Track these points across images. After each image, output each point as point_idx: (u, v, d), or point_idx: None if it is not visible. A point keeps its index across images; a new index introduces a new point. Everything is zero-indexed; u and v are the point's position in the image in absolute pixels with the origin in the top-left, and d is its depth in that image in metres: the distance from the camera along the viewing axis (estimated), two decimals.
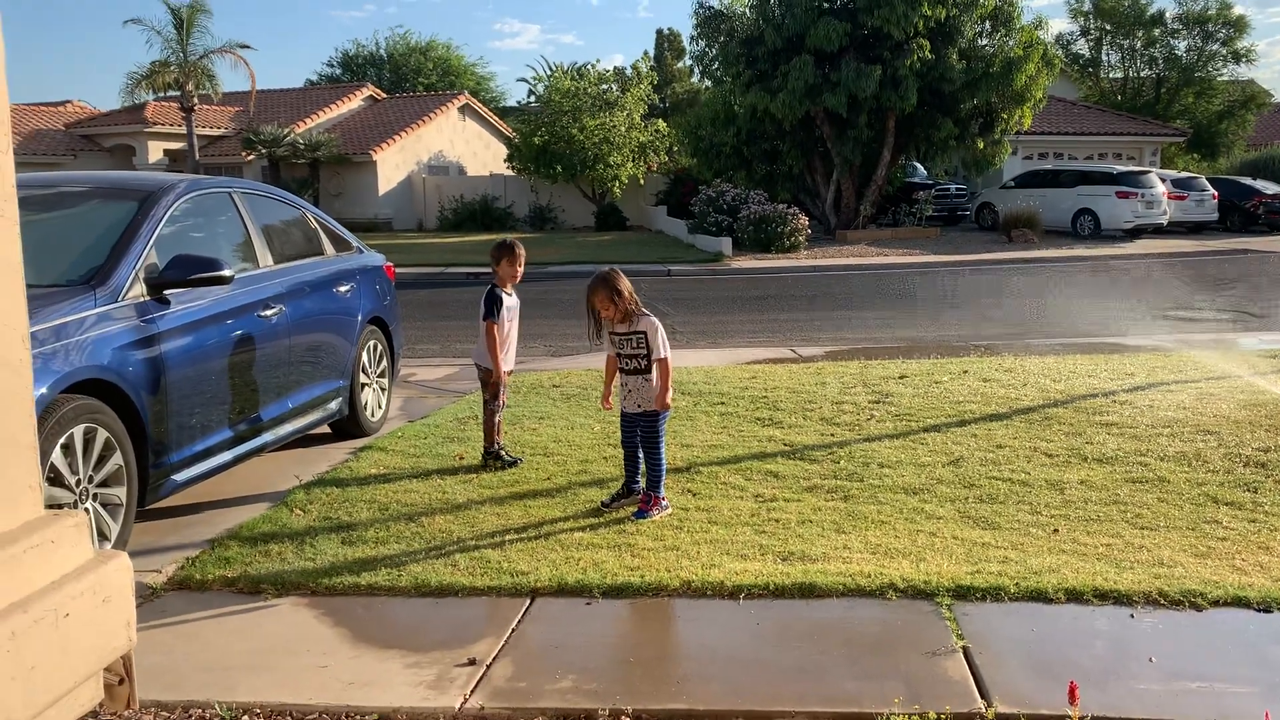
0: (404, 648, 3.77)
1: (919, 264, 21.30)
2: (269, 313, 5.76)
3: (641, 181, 33.03)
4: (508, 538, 4.83)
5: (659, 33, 57.10)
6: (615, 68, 34.90)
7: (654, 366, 5.20)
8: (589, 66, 33.74)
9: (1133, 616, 3.85)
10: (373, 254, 7.70)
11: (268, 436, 5.81)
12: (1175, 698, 3.22)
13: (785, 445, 6.49)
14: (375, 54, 52.35)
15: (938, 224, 28.49)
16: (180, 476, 5.03)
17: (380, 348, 7.33)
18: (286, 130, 31.89)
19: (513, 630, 3.88)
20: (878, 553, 4.55)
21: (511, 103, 48.59)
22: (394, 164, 33.98)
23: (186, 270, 4.99)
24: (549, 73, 33.93)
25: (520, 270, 6.19)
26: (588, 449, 6.43)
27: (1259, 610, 3.88)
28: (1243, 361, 9.07)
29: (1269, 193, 28.67)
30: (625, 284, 5.20)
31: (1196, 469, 5.74)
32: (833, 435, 6.74)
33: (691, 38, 27.14)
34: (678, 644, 3.88)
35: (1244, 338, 11.21)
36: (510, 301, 6.18)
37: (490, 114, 40.99)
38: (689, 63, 35.06)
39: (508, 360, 6.21)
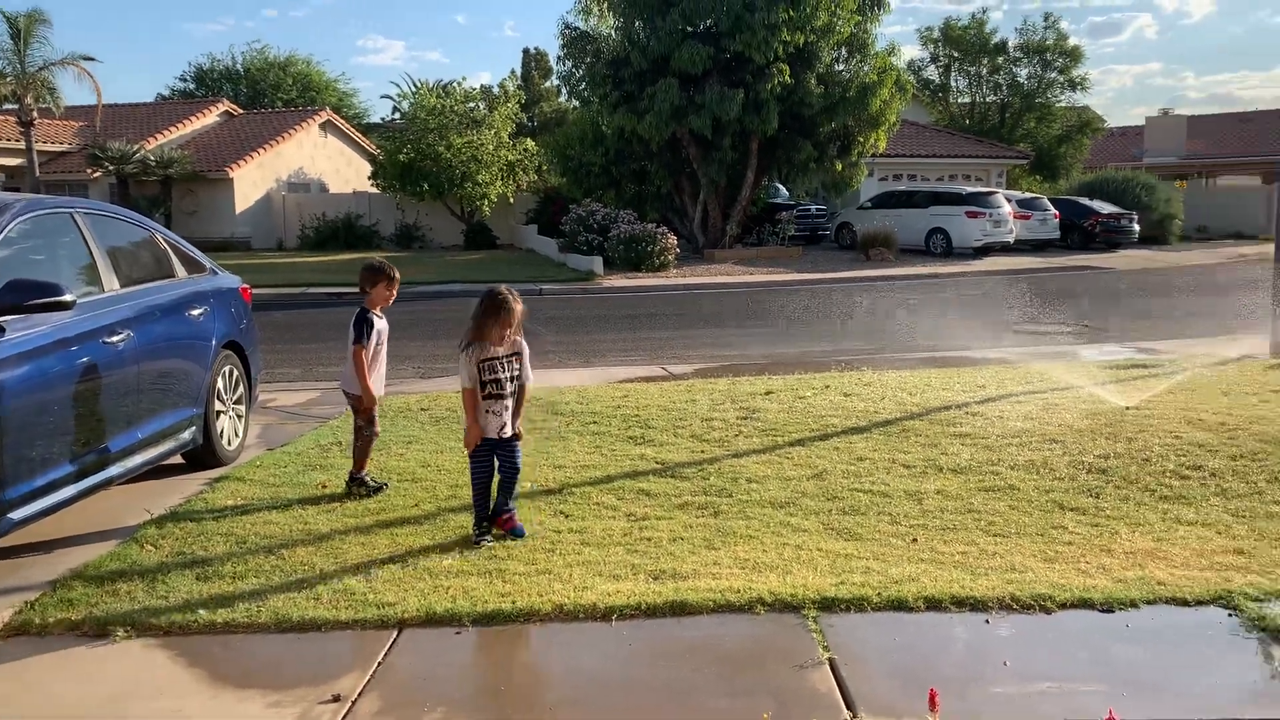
0: (265, 687, 3.62)
1: (783, 282, 21.84)
2: (115, 339, 5.47)
3: (511, 200, 32.89)
4: (374, 568, 4.70)
5: (526, 52, 57.08)
6: (482, 86, 34.75)
7: (521, 390, 5.18)
8: (455, 84, 33.44)
9: (988, 622, 4.01)
10: (227, 275, 7.42)
11: (115, 469, 5.51)
12: (1029, 699, 3.36)
13: (657, 463, 6.53)
14: (231, 69, 50.60)
15: (800, 243, 29.28)
16: (18, 515, 4.72)
17: (236, 373, 7.06)
18: (136, 146, 30.48)
19: (379, 664, 3.77)
20: (746, 567, 4.62)
21: (376, 119, 47.68)
22: (252, 181, 32.87)
23: (23, 295, 4.70)
24: (414, 90, 33.42)
25: (394, 294, 6.07)
26: (457, 473, 6.32)
27: (1102, 610, 4.09)
28: (1084, 373, 9.61)
29: (1105, 212, 30.52)
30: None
31: (1044, 477, 6.04)
32: (703, 452, 6.82)
33: (558, 58, 27.23)
34: (550, 670, 3.84)
35: (1085, 350, 11.88)
36: (381, 325, 6.04)
37: (353, 131, 40.14)
38: (556, 83, 35.15)
39: (378, 385, 6.07)
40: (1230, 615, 4.02)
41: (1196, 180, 47.01)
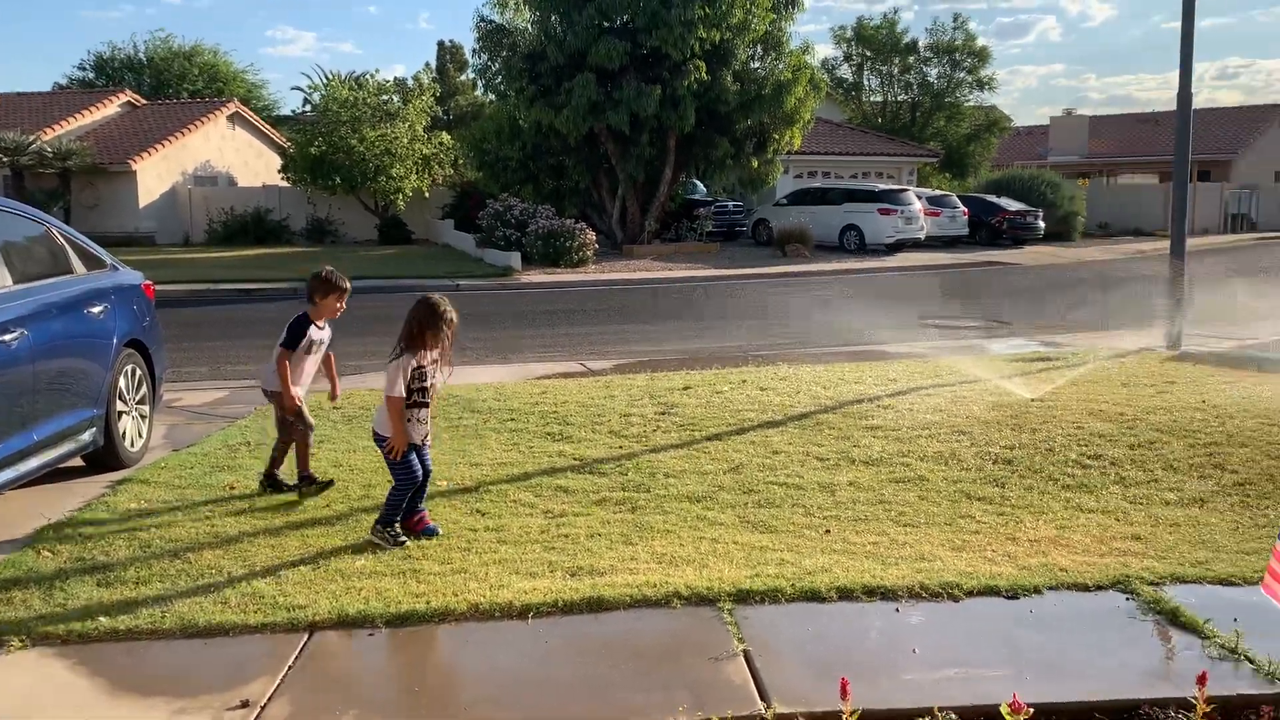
0: (170, 694, 3.52)
1: (701, 278, 21.99)
2: (8, 338, 5.25)
3: (427, 194, 32.44)
4: (284, 570, 4.60)
5: (441, 45, 56.36)
6: (396, 78, 34.29)
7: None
8: (368, 76, 32.83)
9: (898, 610, 4.09)
10: (129, 271, 7.18)
11: (9, 473, 5.29)
12: (937, 685, 3.44)
13: (575, 460, 6.52)
14: (134, 58, 48.86)
15: (718, 239, 29.51)
16: None
17: (140, 372, 6.84)
18: (32, 137, 29.26)
19: (290, 667, 3.69)
20: (664, 562, 4.64)
21: (286, 112, 46.57)
22: (156, 174, 31.82)
23: None
24: (326, 82, 32.71)
25: (344, 306, 5.87)
26: (370, 473, 6.23)
27: (1008, 597, 4.21)
28: (991, 366, 9.87)
29: (1011, 209, 31.40)
30: None
31: (952, 467, 6.19)
32: (621, 448, 6.83)
33: (474, 51, 26.95)
34: (465, 669, 3.80)
35: (993, 343, 12.21)
36: (320, 335, 5.86)
37: (263, 123, 39.14)
38: (472, 76, 34.82)
39: (302, 389, 5.90)
40: (1128, 599, 4.18)
41: (1098, 178, 48.75)
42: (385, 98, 32.18)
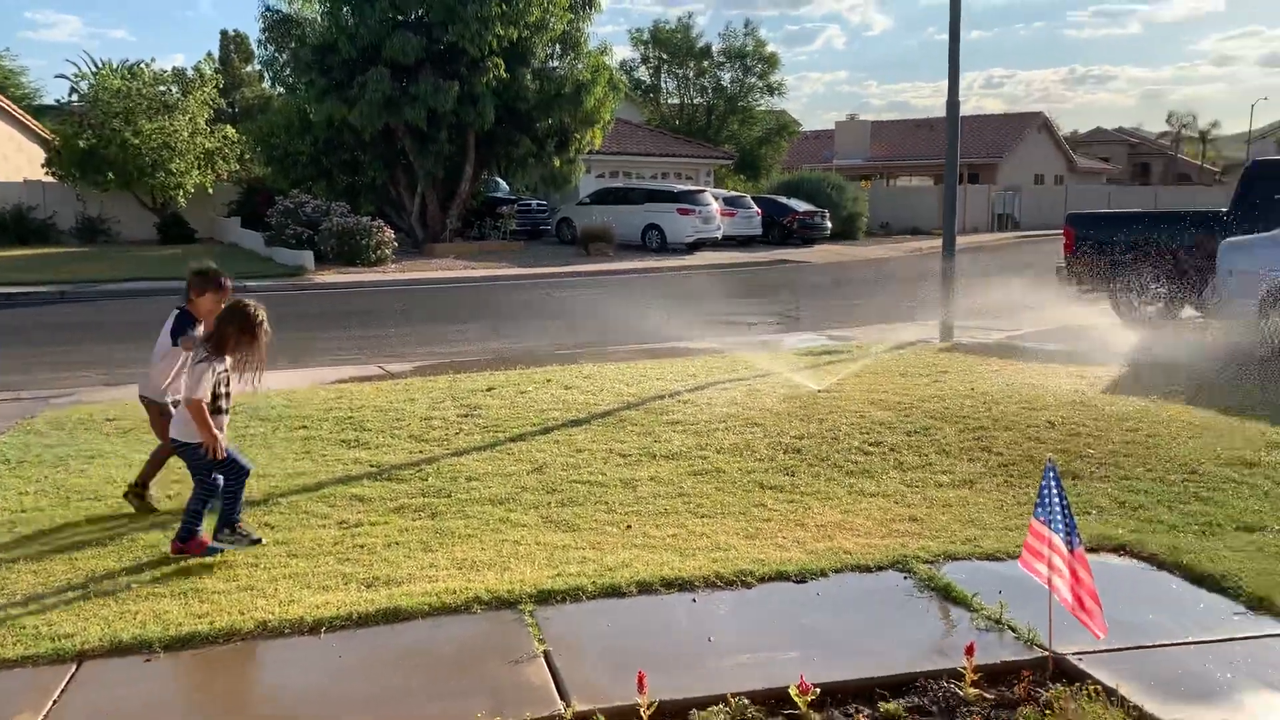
0: None
1: (505, 277, 21.84)
2: None
3: (210, 191, 30.72)
4: (49, 598, 4.25)
5: (224, 34, 53.65)
6: (175, 68, 32.08)
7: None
8: (143, 65, 30.73)
9: (695, 600, 4.20)
10: None
11: None
12: (731, 671, 3.55)
13: (372, 466, 6.34)
14: None
15: (522, 238, 29.43)
16: None
17: None
18: None
19: (54, 702, 3.41)
20: (464, 567, 4.58)
21: (50, 101, 42.99)
22: None
23: None
24: (95, 70, 30.41)
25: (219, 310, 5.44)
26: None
27: (797, 581, 4.40)
28: (783, 360, 10.28)
29: (801, 210, 32.83)
30: None
31: (746, 459, 6.41)
32: (421, 452, 6.69)
33: (260, 42, 25.76)
34: (253, 691, 3.63)
35: (785, 338, 12.72)
36: (197, 333, 5.41)
37: (22, 113, 35.98)
38: (258, 67, 33.19)
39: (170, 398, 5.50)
40: (906, 578, 4.44)
41: (879, 180, 51.68)
42: (163, 88, 30.25)
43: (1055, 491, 3.56)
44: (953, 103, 12.04)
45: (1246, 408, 7.56)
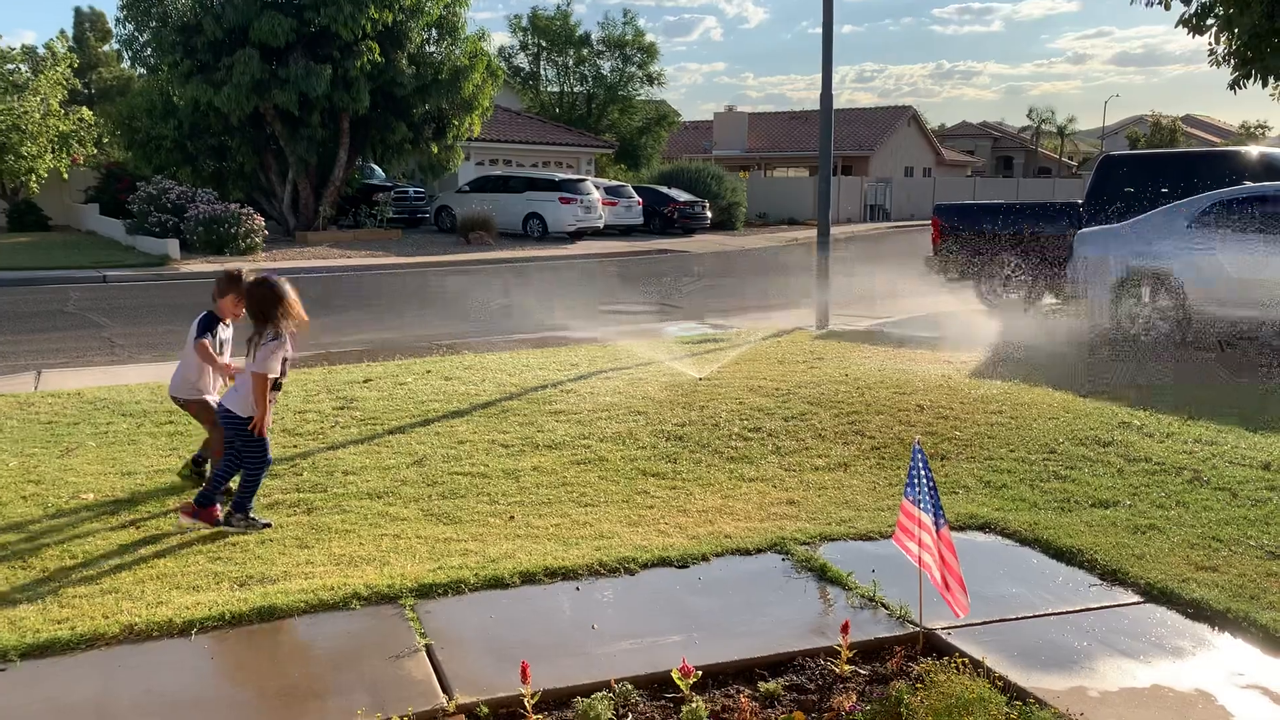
0: None
1: (382, 265, 21.38)
2: None
3: (65, 176, 29.16)
4: None
5: (79, 11, 50.89)
6: (24, 46, 30.39)
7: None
8: None
9: (578, 589, 4.20)
10: None
11: None
12: (614, 658, 3.57)
13: None
14: None
15: (399, 226, 28.85)
16: None
17: None
18: None
19: None
20: (342, 563, 4.48)
21: None
22: None
23: None
24: None
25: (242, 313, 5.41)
26: (1, 489, 5.53)
27: (679, 566, 4.45)
28: (665, 348, 10.38)
29: (682, 200, 33.13)
30: None
31: (629, 446, 6.45)
32: (295, 446, 6.51)
33: (118, 20, 24.51)
34: (118, 699, 3.47)
35: (667, 326, 12.83)
36: (227, 335, 5.57)
37: None
38: (117, 46, 31.61)
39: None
40: (784, 559, 4.54)
41: (757, 172, 52.56)
42: (11, 67, 28.55)
43: (923, 473, 3.70)
44: (826, 95, 12.33)
45: (1101, 389, 7.99)
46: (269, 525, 4.98)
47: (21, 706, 3.38)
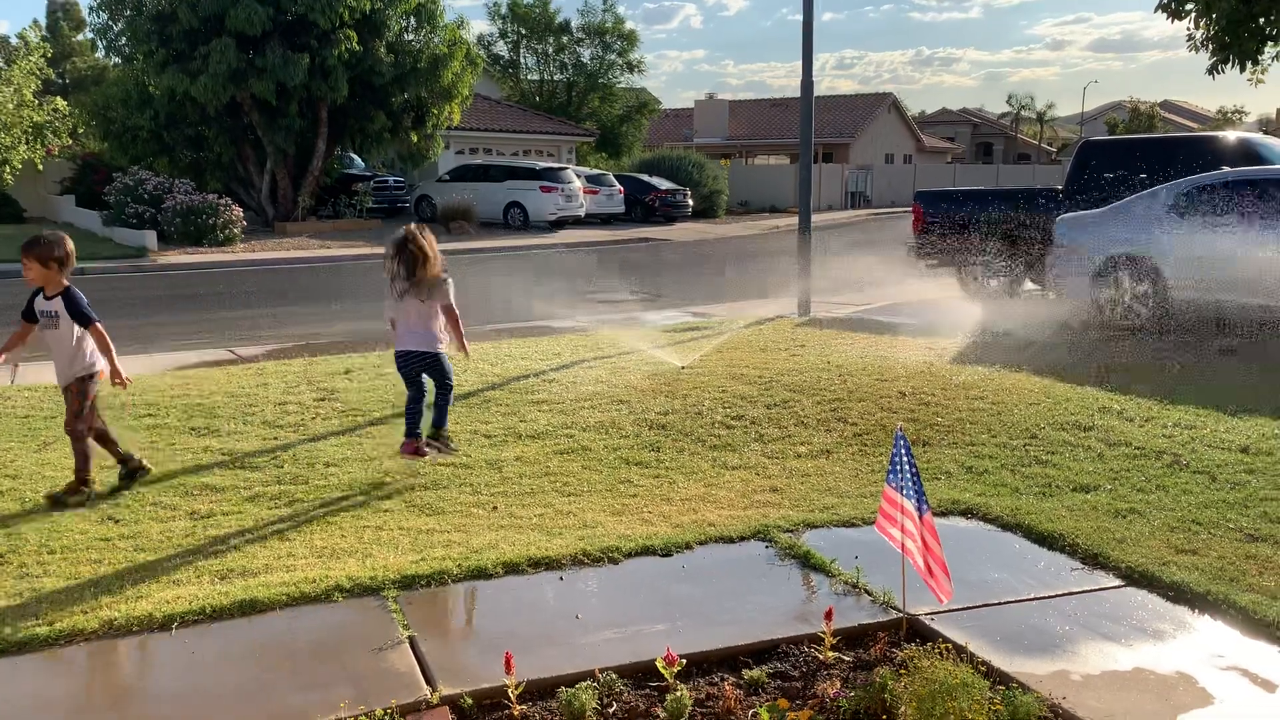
0: None
1: (361, 255, 21.24)
2: None
3: (40, 167, 28.76)
4: None
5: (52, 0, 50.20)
6: None
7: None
8: None
9: (562, 579, 4.19)
10: None
11: None
12: (598, 648, 3.56)
13: (224, 455, 6.09)
14: None
15: (379, 216, 28.70)
16: None
17: None
18: None
19: None
20: (324, 555, 4.45)
21: None
22: None
23: None
24: None
25: (33, 278, 5.40)
26: None
27: (663, 555, 4.45)
28: (647, 337, 10.36)
29: (663, 188, 33.09)
30: None
31: (612, 436, 6.43)
32: (276, 439, 6.47)
33: (92, 9, 24.24)
34: (97, 695, 3.44)
35: (649, 315, 12.81)
36: (50, 306, 5.42)
37: None
38: (91, 36, 31.23)
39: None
40: (767, 547, 4.55)
41: (738, 159, 52.53)
42: None
43: (906, 459, 3.70)
44: (807, 82, 12.31)
45: (1081, 375, 8.03)
46: (457, 449, 5.96)
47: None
